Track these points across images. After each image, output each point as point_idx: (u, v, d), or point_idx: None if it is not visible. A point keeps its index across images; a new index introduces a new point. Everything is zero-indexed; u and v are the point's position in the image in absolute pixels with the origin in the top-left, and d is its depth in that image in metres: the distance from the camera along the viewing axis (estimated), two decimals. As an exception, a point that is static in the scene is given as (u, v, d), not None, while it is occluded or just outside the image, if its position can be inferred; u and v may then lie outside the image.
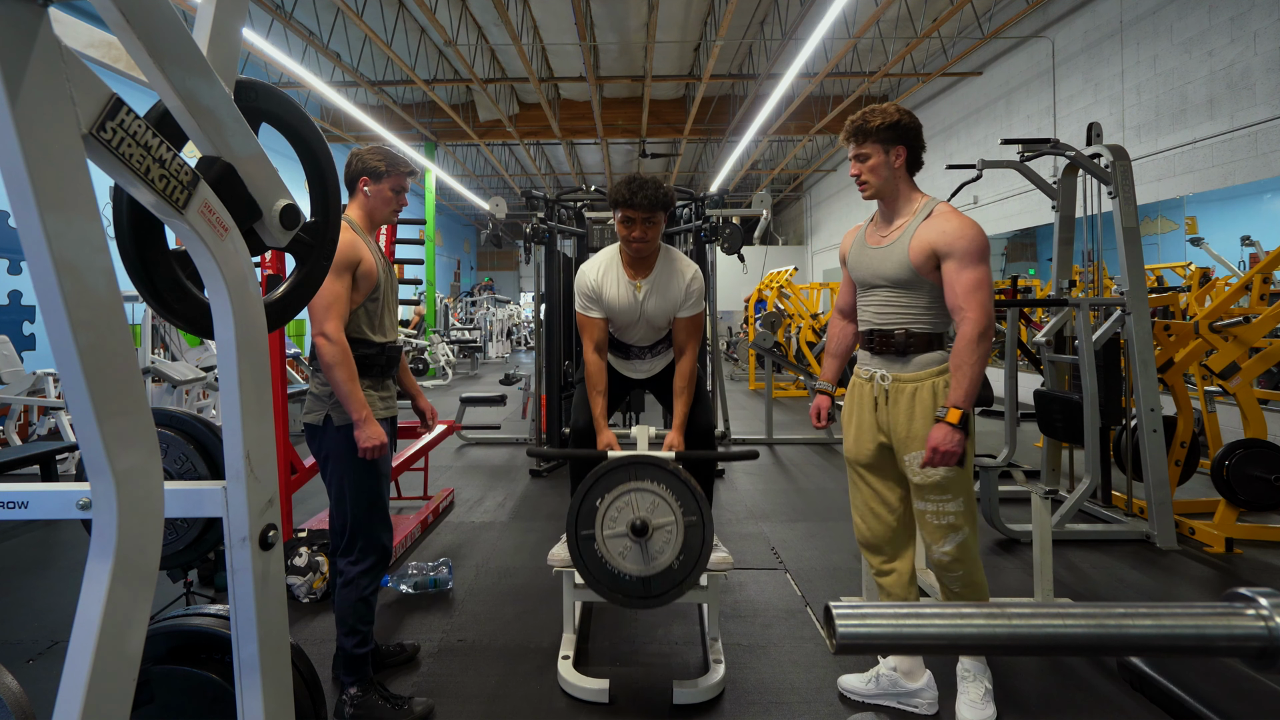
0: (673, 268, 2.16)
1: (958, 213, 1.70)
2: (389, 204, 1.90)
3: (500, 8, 6.95)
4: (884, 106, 1.75)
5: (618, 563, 1.79)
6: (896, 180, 1.76)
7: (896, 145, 1.73)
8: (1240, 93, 5.67)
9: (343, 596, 1.80)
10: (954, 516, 1.73)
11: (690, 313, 2.16)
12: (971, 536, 1.76)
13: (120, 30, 0.66)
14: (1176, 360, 3.40)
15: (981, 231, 1.66)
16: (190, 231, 0.75)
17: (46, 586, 2.80)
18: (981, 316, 1.62)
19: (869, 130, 1.73)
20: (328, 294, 1.68)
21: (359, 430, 1.74)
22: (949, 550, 1.75)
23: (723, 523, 3.50)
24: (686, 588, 1.80)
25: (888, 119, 1.72)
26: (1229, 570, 2.85)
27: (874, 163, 1.75)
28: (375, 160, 1.85)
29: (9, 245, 6.34)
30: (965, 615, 0.57)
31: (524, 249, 21.52)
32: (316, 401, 1.82)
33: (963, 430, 1.62)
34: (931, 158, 7.85)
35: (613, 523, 1.80)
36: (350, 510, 1.80)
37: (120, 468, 0.66)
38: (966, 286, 1.63)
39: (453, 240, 22.68)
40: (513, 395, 7.64)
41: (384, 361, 1.89)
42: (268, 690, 0.85)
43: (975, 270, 1.63)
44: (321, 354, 1.70)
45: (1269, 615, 0.54)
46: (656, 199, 2.00)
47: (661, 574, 1.78)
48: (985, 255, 1.65)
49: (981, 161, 3.72)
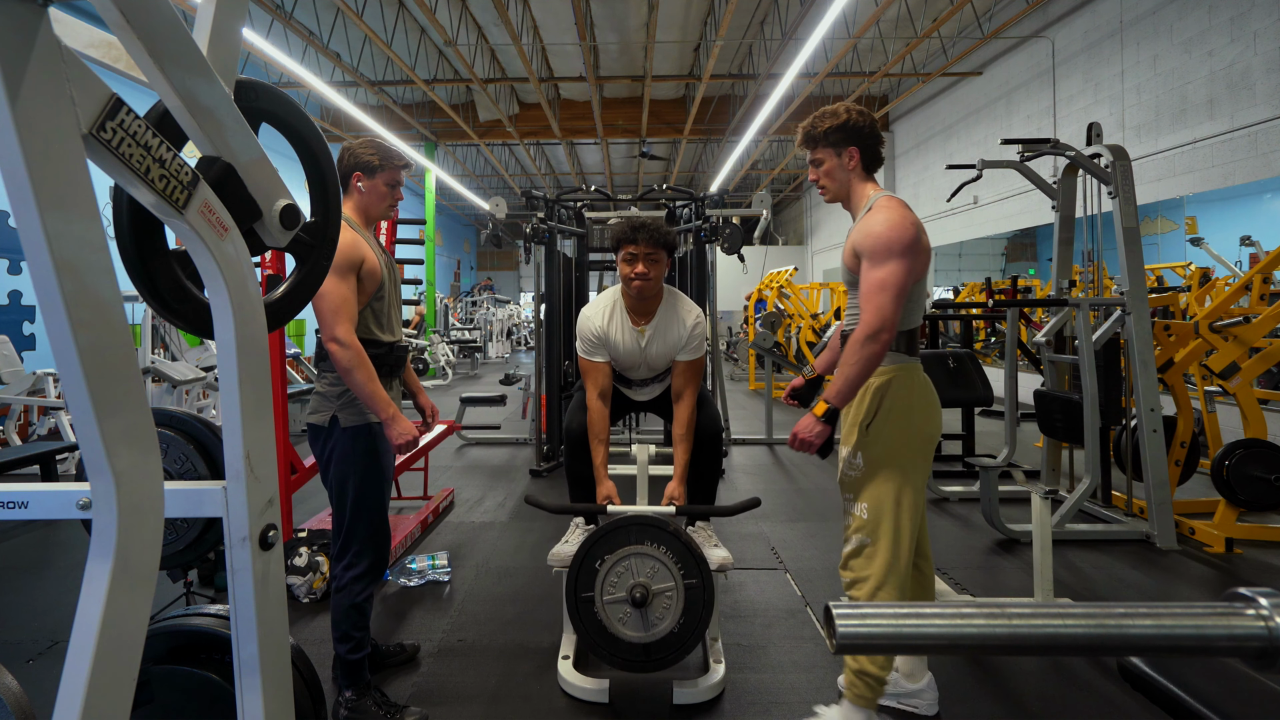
0: (675, 313, 2.14)
1: (885, 207, 1.61)
2: (385, 199, 1.84)
3: (500, 8, 6.95)
4: (833, 108, 1.70)
5: (618, 629, 1.78)
6: (852, 181, 1.72)
7: (848, 147, 1.69)
8: (1240, 93, 5.67)
9: (336, 602, 1.77)
10: (854, 520, 1.67)
11: (690, 356, 2.14)
12: (877, 554, 1.62)
13: (120, 30, 0.66)
14: (1176, 360, 3.40)
15: (896, 227, 1.55)
16: (190, 231, 0.75)
17: (46, 586, 2.80)
18: (874, 319, 1.54)
19: (817, 136, 1.70)
20: (335, 297, 1.65)
21: (390, 428, 1.73)
22: (844, 553, 1.70)
23: (723, 523, 3.50)
24: (687, 651, 1.79)
25: (835, 121, 1.67)
26: (1229, 570, 2.85)
27: (828, 167, 1.72)
28: (368, 154, 1.79)
29: (9, 245, 6.34)
30: (965, 615, 0.57)
31: (524, 249, 21.54)
32: (323, 401, 1.78)
33: (827, 424, 1.61)
34: (931, 158, 7.90)
35: (613, 588, 1.78)
36: (350, 514, 1.77)
37: (120, 467, 0.66)
38: (868, 287, 1.57)
39: (453, 240, 22.68)
40: (513, 395, 7.63)
41: (393, 360, 1.86)
42: (268, 690, 0.85)
43: (879, 270, 1.56)
44: (336, 360, 1.66)
45: (1269, 615, 0.54)
46: (659, 236, 2.00)
47: (662, 640, 1.77)
48: (893, 254, 1.55)
49: (981, 161, 3.72)
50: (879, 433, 1.64)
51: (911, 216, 1.59)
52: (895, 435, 1.64)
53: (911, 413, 1.65)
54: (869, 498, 1.65)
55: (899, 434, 1.64)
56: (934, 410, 1.70)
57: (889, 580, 1.62)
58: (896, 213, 1.58)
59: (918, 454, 1.66)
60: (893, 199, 1.64)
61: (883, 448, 1.64)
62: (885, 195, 1.66)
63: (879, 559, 1.63)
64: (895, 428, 1.64)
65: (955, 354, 2.73)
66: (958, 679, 2.02)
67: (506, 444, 5.72)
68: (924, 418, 1.67)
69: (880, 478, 1.64)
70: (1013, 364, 3.86)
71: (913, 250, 1.56)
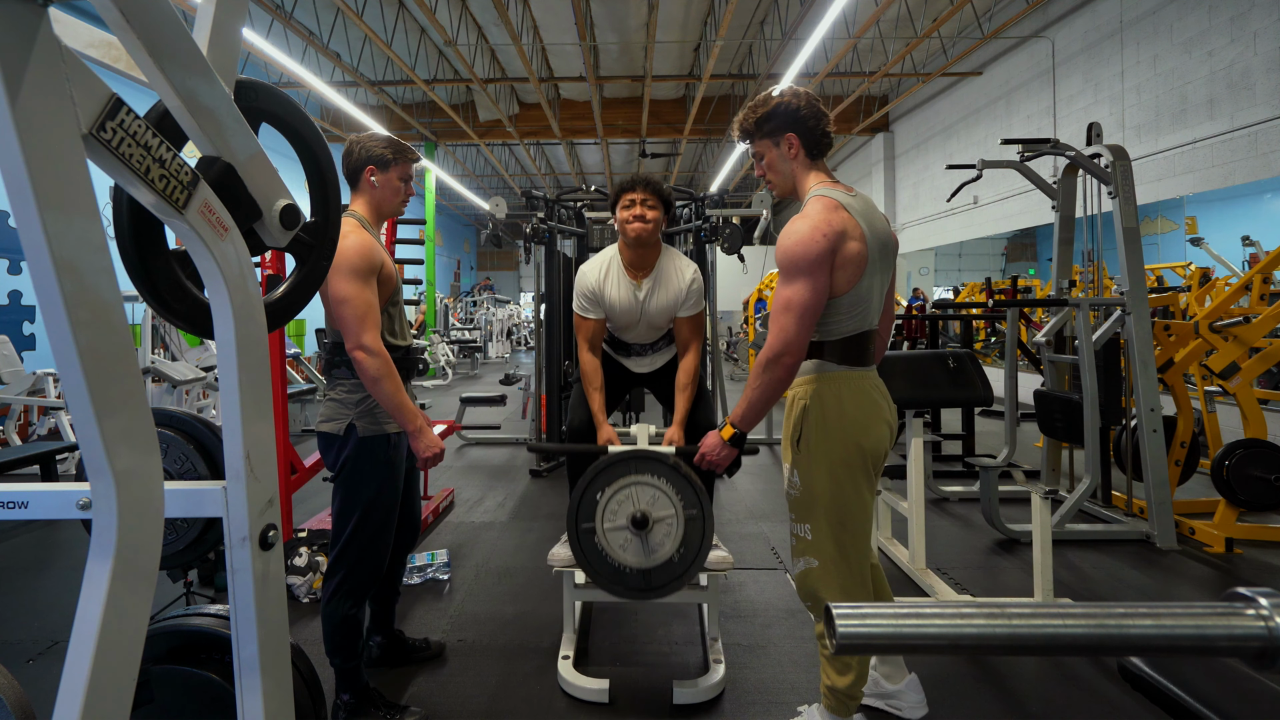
0: (673, 266, 2.17)
1: (805, 215, 1.48)
2: (398, 194, 1.78)
3: (500, 8, 6.95)
4: (763, 96, 1.57)
5: (618, 555, 1.79)
6: (796, 172, 1.58)
7: (785, 134, 1.54)
8: (1240, 93, 5.67)
9: (328, 613, 1.70)
10: (798, 541, 1.59)
11: (691, 312, 2.17)
12: (823, 575, 1.55)
13: (120, 30, 0.66)
14: (1176, 360, 3.40)
15: (804, 241, 1.43)
16: (190, 231, 0.75)
17: (46, 586, 2.80)
18: (776, 342, 1.45)
19: (749, 129, 1.59)
20: (360, 304, 1.59)
21: (416, 441, 1.68)
22: (795, 575, 1.62)
23: (723, 523, 3.50)
24: (687, 580, 1.80)
25: (768, 108, 1.55)
26: (1229, 570, 2.85)
27: (769, 159, 1.59)
28: (380, 148, 1.73)
29: (9, 245, 6.34)
30: (965, 615, 0.57)
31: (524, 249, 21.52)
32: (339, 409, 1.70)
33: (733, 446, 1.60)
34: (931, 158, 7.90)
35: (613, 516, 1.80)
36: (354, 526, 1.69)
37: (120, 467, 0.66)
38: (774, 306, 1.48)
39: (453, 240, 22.68)
40: (513, 395, 7.63)
41: (407, 366, 1.82)
42: (268, 690, 0.85)
43: (785, 289, 1.46)
44: (364, 369, 1.59)
45: (1269, 615, 0.54)
46: (656, 187, 2.04)
47: (662, 566, 1.79)
48: (798, 271, 1.43)
49: (981, 161, 3.72)
50: (808, 449, 1.54)
51: (828, 225, 1.43)
52: (827, 450, 1.52)
53: (843, 426, 1.52)
54: (809, 518, 1.56)
55: (831, 449, 1.52)
56: (871, 420, 1.54)
57: (843, 599, 1.53)
58: (810, 222, 1.44)
59: (854, 467, 1.53)
60: (821, 201, 1.48)
61: (816, 464, 1.53)
62: (817, 195, 1.51)
63: (830, 582, 1.55)
64: (826, 443, 1.52)
65: (955, 354, 2.73)
66: (958, 679, 2.02)
67: (506, 444, 5.72)
68: (859, 429, 1.52)
69: (818, 497, 1.54)
70: (1013, 364, 3.86)
71: (821, 266, 1.42)
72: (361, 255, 1.62)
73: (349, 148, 1.76)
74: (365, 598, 1.76)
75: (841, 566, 1.54)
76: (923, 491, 2.61)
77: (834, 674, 1.60)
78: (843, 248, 1.44)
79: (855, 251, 1.45)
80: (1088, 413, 3.16)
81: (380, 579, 1.82)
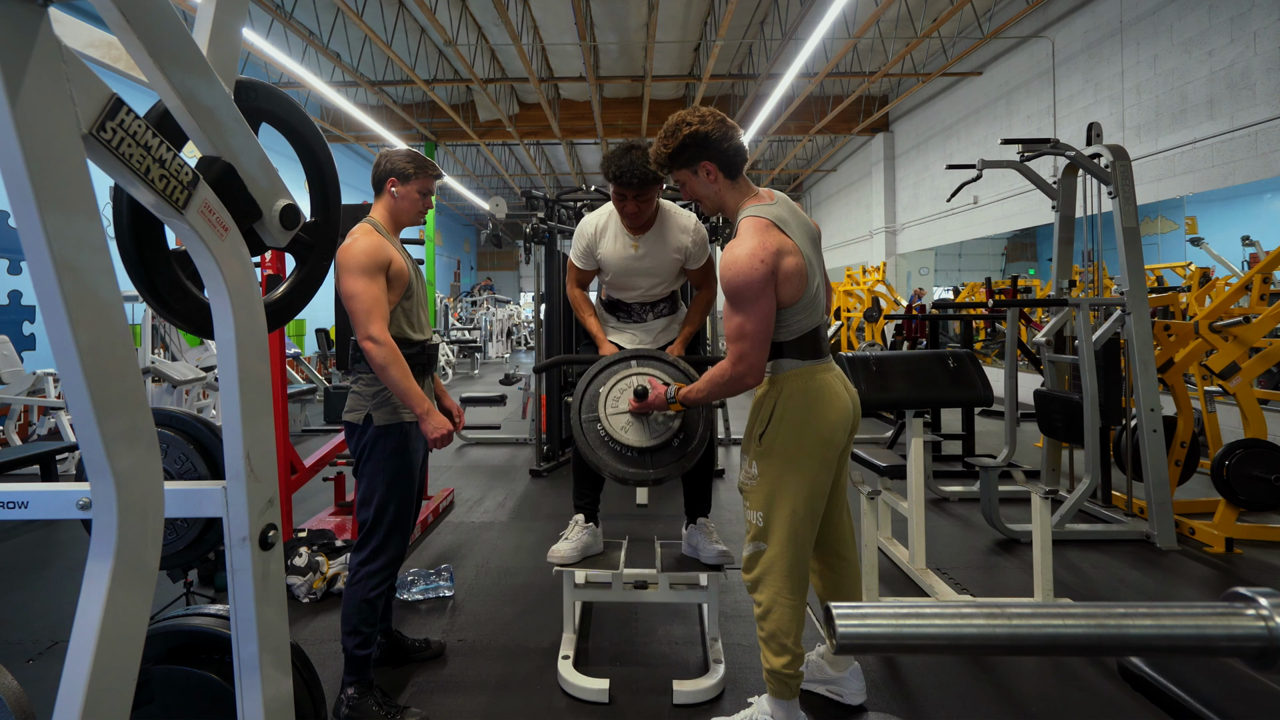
0: (671, 223, 2.17)
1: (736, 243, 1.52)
2: (416, 205, 1.92)
3: (500, 8, 6.95)
4: (672, 125, 1.60)
5: (620, 435, 1.83)
6: (722, 194, 1.63)
7: (700, 163, 1.59)
8: (1240, 93, 5.67)
9: (349, 595, 1.81)
10: (750, 528, 1.67)
11: (698, 264, 2.21)
12: (774, 561, 1.61)
13: (120, 30, 0.66)
14: (1176, 360, 3.40)
15: (743, 272, 1.48)
16: (190, 231, 0.75)
17: (46, 586, 2.80)
18: (740, 366, 1.53)
19: (664, 162, 1.64)
20: (367, 298, 1.71)
21: (425, 423, 1.78)
22: (743, 557, 1.70)
23: (723, 522, 3.50)
24: (687, 462, 1.85)
25: (677, 140, 1.58)
26: (1229, 570, 2.85)
27: (691, 187, 1.65)
28: (403, 163, 1.88)
29: (9, 245, 6.34)
30: (965, 615, 0.57)
31: (524, 249, 21.53)
32: (359, 400, 1.84)
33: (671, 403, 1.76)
34: (931, 158, 7.90)
35: (615, 402, 1.85)
36: (375, 510, 1.81)
37: (120, 467, 0.66)
38: (729, 330, 1.55)
39: (453, 240, 22.68)
40: (513, 395, 7.64)
41: (425, 359, 1.93)
42: (268, 690, 0.85)
43: (736, 316, 1.52)
44: (372, 358, 1.71)
45: (1269, 615, 0.54)
46: (646, 177, 2.00)
47: (661, 447, 1.82)
48: (745, 300, 1.49)
49: (981, 161, 3.72)
50: (771, 443, 1.61)
51: (764, 250, 1.48)
52: (788, 443, 1.60)
53: (806, 420, 1.59)
54: (763, 506, 1.63)
55: (792, 442, 1.60)
56: (831, 409, 1.61)
57: (787, 584, 1.62)
58: (746, 249, 1.49)
59: (813, 458, 1.60)
60: (752, 224, 1.54)
61: (776, 457, 1.61)
62: (748, 217, 1.56)
63: (776, 566, 1.62)
64: (788, 436, 1.60)
65: (955, 354, 2.73)
66: (958, 679, 2.02)
67: (506, 444, 5.71)
68: (822, 421, 1.60)
69: (774, 486, 1.61)
70: (1013, 364, 3.87)
71: (764, 291, 1.49)
72: (368, 254, 1.74)
73: (377, 160, 1.93)
74: (390, 579, 1.86)
75: (789, 553, 1.62)
76: (923, 491, 2.61)
77: (771, 656, 1.65)
78: (782, 265, 1.51)
79: (794, 265, 1.53)
80: (1088, 413, 3.17)
81: (402, 562, 1.92)
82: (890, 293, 8.99)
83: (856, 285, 9.29)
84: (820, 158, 15.18)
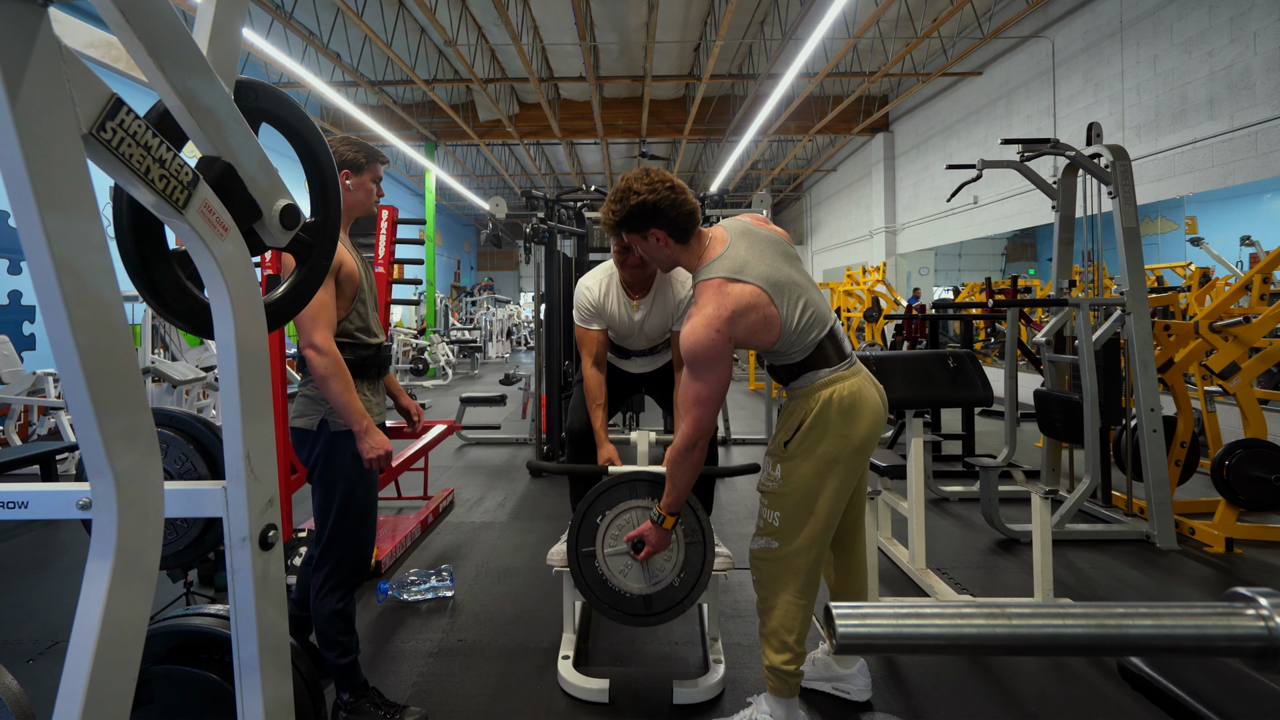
0: (671, 281, 2.14)
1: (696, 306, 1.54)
2: (371, 195, 1.82)
3: (500, 8, 6.95)
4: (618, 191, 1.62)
5: (619, 580, 1.80)
6: (675, 255, 1.65)
7: (649, 229, 1.61)
8: (1240, 93, 5.67)
9: (317, 611, 1.73)
10: (765, 525, 1.67)
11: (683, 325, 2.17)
12: (785, 560, 1.63)
13: (120, 30, 0.66)
14: (1176, 360, 3.40)
15: (702, 342, 1.48)
16: (190, 231, 0.75)
17: (46, 586, 2.80)
18: (692, 432, 1.56)
19: (615, 227, 1.65)
20: (314, 303, 1.60)
21: (363, 441, 1.68)
22: (751, 550, 1.71)
23: (723, 523, 3.50)
24: (687, 605, 1.81)
25: (625, 209, 1.59)
26: (1229, 570, 2.85)
27: (642, 249, 1.67)
28: (352, 152, 1.77)
29: (9, 245, 6.35)
30: (965, 615, 0.57)
31: (524, 249, 21.52)
32: (310, 404, 1.73)
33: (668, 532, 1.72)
34: (931, 158, 7.92)
35: (614, 540, 1.81)
36: (334, 520, 1.72)
37: (120, 467, 0.66)
38: (684, 396, 1.57)
39: (453, 240, 22.68)
40: (513, 395, 7.64)
41: (380, 362, 1.84)
42: (268, 690, 0.85)
43: (694, 383, 1.54)
44: (314, 367, 1.61)
45: (1269, 615, 0.54)
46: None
47: (663, 592, 1.79)
48: (705, 367, 1.50)
49: (981, 161, 3.72)
50: (797, 450, 1.61)
51: (719, 319, 1.48)
52: (818, 451, 1.59)
53: (839, 431, 1.58)
54: (782, 507, 1.63)
55: (823, 449, 1.58)
56: (863, 419, 1.59)
57: (797, 584, 1.63)
58: (703, 318, 1.49)
59: (842, 465, 1.59)
60: (708, 288, 1.53)
61: (802, 462, 1.60)
62: (704, 281, 1.56)
63: (789, 565, 1.63)
64: (819, 445, 1.59)
65: (955, 354, 2.73)
66: (958, 679, 2.02)
67: (506, 444, 5.71)
68: (853, 431, 1.58)
69: (797, 491, 1.60)
70: (1013, 364, 3.87)
71: (722, 358, 1.51)
72: None
73: None
74: (354, 590, 1.78)
75: (805, 552, 1.62)
76: (923, 491, 2.61)
77: (772, 653, 1.65)
78: (743, 323, 1.51)
79: (759, 317, 1.52)
80: (1088, 413, 3.17)
81: (368, 570, 1.84)
82: (890, 293, 8.99)
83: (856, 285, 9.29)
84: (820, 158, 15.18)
